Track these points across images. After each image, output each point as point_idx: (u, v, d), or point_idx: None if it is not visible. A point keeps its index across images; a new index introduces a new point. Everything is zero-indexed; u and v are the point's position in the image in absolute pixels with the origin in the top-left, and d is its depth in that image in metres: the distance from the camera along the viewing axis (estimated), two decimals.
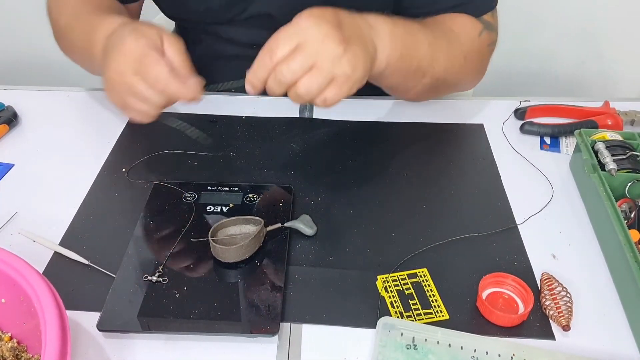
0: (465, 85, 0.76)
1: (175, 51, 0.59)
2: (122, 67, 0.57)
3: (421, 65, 0.68)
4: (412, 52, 0.65)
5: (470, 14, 0.75)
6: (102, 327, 0.53)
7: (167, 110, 0.62)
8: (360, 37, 0.58)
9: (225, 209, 0.65)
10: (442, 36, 0.70)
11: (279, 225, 0.62)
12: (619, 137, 0.70)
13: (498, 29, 0.78)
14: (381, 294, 0.57)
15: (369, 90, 0.90)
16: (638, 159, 0.67)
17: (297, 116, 0.83)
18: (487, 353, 0.50)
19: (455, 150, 0.77)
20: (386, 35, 0.62)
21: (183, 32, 0.92)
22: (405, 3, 0.76)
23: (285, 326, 0.55)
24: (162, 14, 0.89)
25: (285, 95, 0.56)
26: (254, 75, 0.56)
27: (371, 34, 0.61)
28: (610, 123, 0.77)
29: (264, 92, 0.80)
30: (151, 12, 0.93)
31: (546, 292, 0.56)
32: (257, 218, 0.61)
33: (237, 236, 0.60)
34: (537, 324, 0.55)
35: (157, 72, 0.57)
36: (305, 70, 0.53)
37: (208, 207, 0.65)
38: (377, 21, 0.62)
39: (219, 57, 0.86)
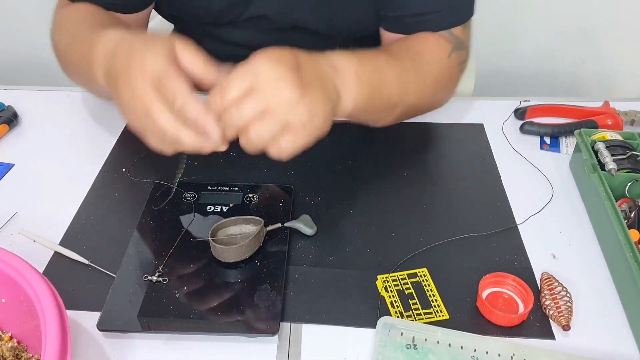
0: (437, 106, 0.76)
1: (189, 53, 0.54)
2: (138, 87, 0.51)
3: (391, 100, 0.65)
4: (381, 90, 0.62)
5: (440, 26, 0.73)
6: (102, 327, 0.53)
7: None
8: (321, 82, 0.54)
9: (225, 209, 0.65)
10: (411, 65, 0.68)
11: (279, 225, 0.62)
12: (619, 137, 0.70)
13: (470, 47, 0.76)
14: (381, 294, 0.57)
15: None
16: (638, 158, 0.67)
17: None
18: (487, 353, 0.50)
19: (455, 150, 0.77)
20: (351, 77, 0.58)
21: (181, 33, 0.92)
22: (380, 4, 0.75)
23: (285, 326, 0.55)
24: (159, 17, 0.89)
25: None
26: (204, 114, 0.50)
27: (334, 78, 0.56)
28: (610, 123, 0.77)
29: None
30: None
31: (546, 291, 0.56)
32: (257, 218, 0.61)
33: (237, 236, 0.61)
34: (537, 324, 0.55)
35: (177, 88, 0.50)
36: (257, 115, 0.49)
37: (208, 207, 0.65)
38: (341, 62, 0.58)
39: (217, 57, 0.86)
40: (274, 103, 0.49)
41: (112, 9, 0.77)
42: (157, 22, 0.95)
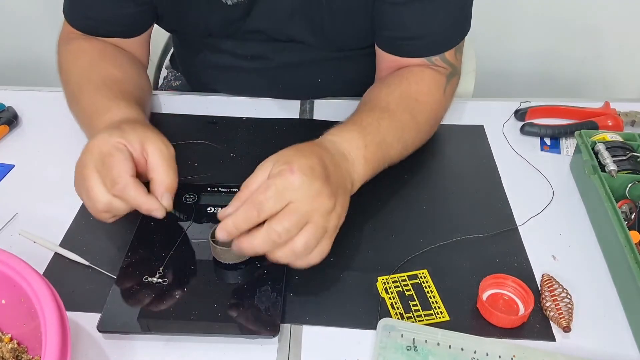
0: (430, 135, 0.77)
1: (159, 164, 0.57)
2: (84, 160, 0.56)
3: (392, 160, 0.69)
4: (384, 160, 0.66)
5: (433, 51, 0.74)
6: (102, 328, 0.53)
7: None
8: (344, 183, 0.58)
9: None
10: (410, 119, 0.69)
11: None
12: (619, 138, 0.70)
13: (460, 69, 0.78)
14: (381, 295, 0.57)
15: None
16: (638, 160, 0.67)
17: (298, 117, 0.83)
18: (487, 354, 0.50)
19: (456, 152, 0.77)
20: (360, 164, 0.62)
21: (182, 42, 0.92)
22: (376, 24, 0.75)
23: (285, 327, 0.55)
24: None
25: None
26: (235, 226, 0.52)
27: (350, 170, 0.61)
28: (610, 124, 0.77)
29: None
30: None
31: (547, 293, 0.56)
32: None
33: None
34: (537, 326, 0.55)
35: (117, 173, 0.54)
36: (298, 228, 0.51)
37: (208, 209, 0.65)
38: (351, 149, 0.62)
39: (217, 66, 0.87)
40: (315, 215, 0.52)
41: (116, 36, 0.78)
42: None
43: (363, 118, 0.67)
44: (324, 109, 0.85)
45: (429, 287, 0.58)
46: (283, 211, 0.51)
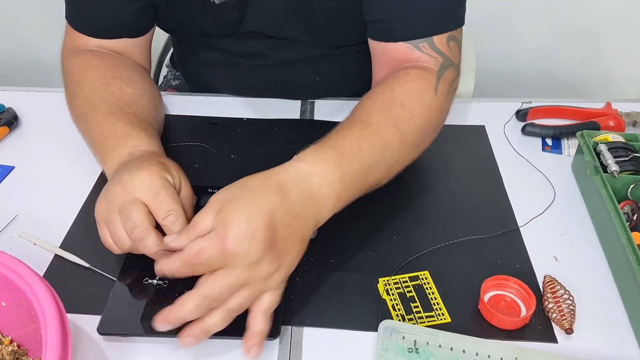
0: (427, 146, 0.70)
1: (187, 207, 0.58)
2: (131, 188, 0.55)
3: (372, 187, 0.62)
4: (361, 189, 0.60)
5: (420, 33, 0.69)
6: (102, 330, 0.52)
7: None
8: (298, 235, 0.53)
9: None
10: (396, 134, 0.62)
11: None
12: (621, 139, 0.70)
13: (459, 61, 0.72)
14: (382, 297, 0.57)
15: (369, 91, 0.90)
16: None
17: (298, 118, 0.83)
18: (489, 356, 0.50)
19: (457, 152, 0.77)
20: (331, 200, 0.56)
21: (180, 42, 0.92)
22: (371, 16, 0.73)
23: (286, 329, 0.55)
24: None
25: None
26: (169, 271, 0.51)
27: (312, 216, 0.55)
28: (612, 124, 0.77)
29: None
30: None
31: (549, 295, 0.56)
32: None
33: None
34: (539, 327, 0.54)
35: (169, 207, 0.54)
36: (234, 292, 0.50)
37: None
38: (323, 186, 0.55)
39: (215, 65, 0.87)
40: (251, 282, 0.49)
41: (123, 36, 0.78)
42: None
43: (342, 140, 0.60)
44: (325, 109, 0.85)
45: (431, 288, 0.58)
46: (214, 274, 0.49)
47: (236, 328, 0.53)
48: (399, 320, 0.55)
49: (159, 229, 0.56)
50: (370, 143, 0.60)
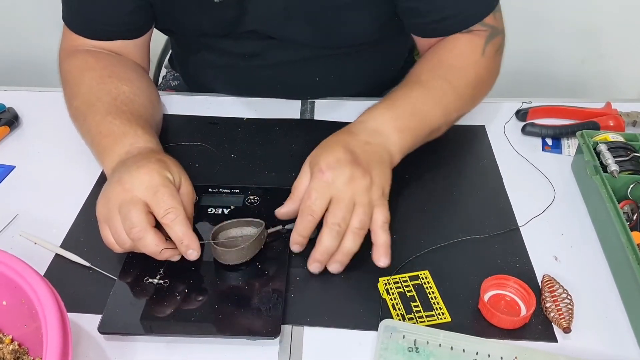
0: (479, 101, 0.77)
1: (188, 203, 0.60)
2: (131, 187, 0.56)
3: (434, 128, 0.70)
4: (422, 128, 0.68)
5: (471, 22, 0.73)
6: (103, 329, 0.53)
7: None
8: (378, 156, 0.62)
9: (226, 211, 0.65)
10: (447, 86, 0.70)
11: (280, 227, 0.62)
12: (621, 139, 0.70)
13: (504, 27, 0.78)
14: (383, 296, 0.57)
15: (370, 91, 0.91)
16: None
17: (299, 117, 0.83)
18: (489, 356, 0.50)
19: (457, 152, 0.77)
20: (393, 134, 0.65)
21: (179, 42, 0.92)
22: (408, 14, 0.76)
23: (286, 329, 0.55)
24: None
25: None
26: (300, 236, 0.59)
27: (382, 143, 0.63)
28: (612, 124, 0.77)
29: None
30: None
31: (547, 294, 0.56)
32: (258, 220, 0.61)
33: (238, 238, 0.60)
34: (539, 327, 0.54)
35: (171, 204, 0.56)
36: (350, 212, 0.57)
37: (209, 209, 0.65)
38: (381, 124, 0.65)
39: (214, 66, 0.87)
40: (357, 197, 0.58)
41: (120, 38, 0.78)
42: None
43: (392, 95, 0.69)
44: (325, 109, 0.85)
45: (431, 288, 0.58)
46: (331, 205, 0.58)
47: (237, 327, 0.53)
48: (399, 319, 0.55)
49: (160, 227, 0.56)
50: (421, 93, 0.69)
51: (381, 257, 0.58)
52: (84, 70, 0.74)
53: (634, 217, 0.62)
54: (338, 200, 0.57)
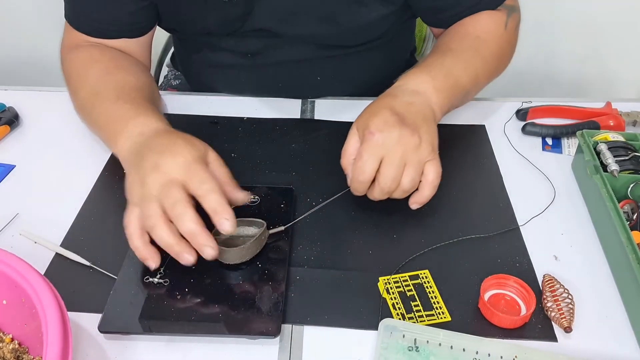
0: (501, 72, 0.81)
1: (220, 165, 0.61)
2: (171, 169, 0.56)
3: (466, 91, 0.73)
4: (456, 89, 0.71)
5: (491, 8, 0.78)
6: (103, 328, 0.53)
7: None
8: (423, 114, 0.64)
9: None
10: (474, 54, 0.74)
11: (281, 228, 0.62)
12: (621, 138, 0.70)
13: (519, 5, 0.82)
14: (383, 296, 0.57)
15: (371, 91, 0.91)
16: None
17: (299, 117, 0.83)
18: (489, 355, 0.50)
19: (457, 152, 0.77)
20: (433, 94, 0.67)
21: (181, 41, 0.92)
22: (430, 13, 0.80)
23: (286, 328, 0.55)
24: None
25: None
26: (355, 191, 0.63)
27: (424, 102, 0.66)
28: (612, 124, 0.77)
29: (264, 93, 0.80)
30: None
31: (548, 293, 0.56)
32: (259, 220, 0.61)
33: (239, 238, 0.60)
34: (539, 326, 0.54)
35: (205, 177, 0.56)
36: (401, 172, 0.60)
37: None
38: (420, 84, 0.68)
39: (216, 65, 0.87)
40: (408, 156, 0.60)
41: (123, 36, 0.79)
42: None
43: (425, 61, 0.72)
44: (325, 108, 0.85)
45: (431, 287, 0.58)
46: (382, 166, 0.60)
47: (237, 327, 0.53)
48: (399, 318, 0.55)
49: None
50: (453, 58, 0.73)
51: (415, 203, 0.63)
52: (90, 62, 0.75)
53: (634, 217, 0.62)
54: (389, 161, 0.60)
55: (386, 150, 0.60)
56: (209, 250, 0.54)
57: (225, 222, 0.54)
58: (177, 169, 0.56)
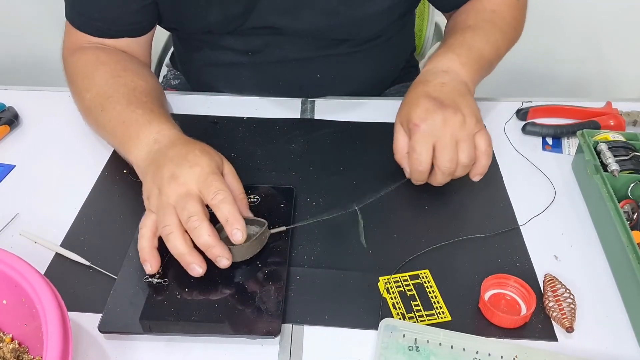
0: (518, 39, 0.85)
1: (234, 179, 0.62)
2: (189, 179, 0.57)
3: (490, 62, 0.76)
4: (481, 61, 0.73)
5: None
6: (103, 328, 0.53)
7: None
8: (459, 91, 0.67)
9: None
10: (492, 27, 0.77)
11: (283, 228, 0.62)
12: (621, 138, 0.70)
13: None
14: (383, 296, 0.57)
15: (371, 90, 0.91)
16: None
17: (299, 117, 0.83)
18: (489, 355, 0.50)
19: None
20: (461, 69, 0.70)
21: (181, 40, 0.92)
22: None
23: (286, 327, 0.55)
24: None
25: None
26: (417, 181, 0.66)
27: (455, 79, 0.68)
28: (612, 124, 0.77)
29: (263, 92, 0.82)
30: None
31: (549, 293, 0.56)
32: (261, 220, 0.61)
33: None
34: (539, 326, 0.54)
35: (219, 187, 0.57)
36: (456, 151, 0.62)
37: (209, 209, 0.65)
38: (447, 64, 0.70)
39: (216, 64, 0.87)
40: (457, 135, 0.62)
41: (125, 36, 0.78)
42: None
43: (446, 41, 0.75)
44: (325, 108, 0.85)
45: (431, 287, 0.58)
46: (436, 151, 0.63)
47: (237, 326, 0.53)
48: (400, 318, 0.55)
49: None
50: (472, 33, 0.75)
51: (476, 175, 0.65)
52: (96, 64, 0.75)
53: (634, 217, 0.62)
54: (441, 145, 0.62)
55: (435, 137, 0.62)
56: (225, 261, 0.55)
57: (237, 233, 0.55)
58: (194, 180, 0.57)
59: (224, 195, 0.56)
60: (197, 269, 0.55)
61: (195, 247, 0.56)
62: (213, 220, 0.57)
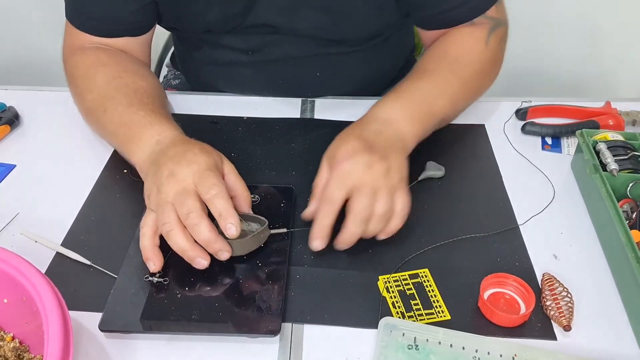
0: (486, 90, 0.80)
1: (236, 177, 0.62)
2: (186, 176, 0.58)
3: (444, 115, 0.72)
4: (430, 117, 0.70)
5: (475, 14, 0.75)
6: (103, 327, 0.53)
7: None
8: (392, 143, 0.63)
9: None
10: (452, 76, 0.73)
11: (284, 230, 0.62)
12: (620, 138, 0.70)
13: (507, 18, 0.79)
14: (382, 294, 0.57)
15: (371, 89, 0.91)
16: (639, 159, 0.67)
17: (299, 117, 0.84)
18: (488, 353, 0.50)
19: (457, 151, 0.77)
20: (404, 122, 0.67)
21: (181, 40, 0.92)
22: (411, 6, 0.78)
23: (286, 326, 0.55)
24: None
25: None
26: (321, 227, 0.59)
27: (394, 130, 0.65)
28: (611, 123, 0.77)
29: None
30: None
31: (547, 292, 0.56)
32: (262, 218, 0.61)
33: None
34: (538, 325, 0.55)
35: (213, 182, 0.57)
36: (373, 199, 0.58)
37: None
38: (391, 113, 0.67)
39: (216, 63, 0.87)
40: (378, 182, 0.59)
41: (125, 35, 0.79)
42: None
43: (400, 86, 0.71)
44: (325, 108, 0.85)
45: (430, 286, 0.58)
46: (353, 195, 0.58)
47: (237, 325, 0.53)
48: (399, 317, 0.55)
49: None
50: (427, 82, 0.71)
51: (381, 234, 0.60)
52: (97, 65, 0.75)
53: (633, 216, 0.62)
54: (359, 188, 0.58)
55: (355, 179, 0.58)
56: (225, 254, 0.56)
57: (231, 227, 0.56)
58: (191, 177, 0.57)
59: (217, 190, 0.56)
60: (202, 261, 0.56)
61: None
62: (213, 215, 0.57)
